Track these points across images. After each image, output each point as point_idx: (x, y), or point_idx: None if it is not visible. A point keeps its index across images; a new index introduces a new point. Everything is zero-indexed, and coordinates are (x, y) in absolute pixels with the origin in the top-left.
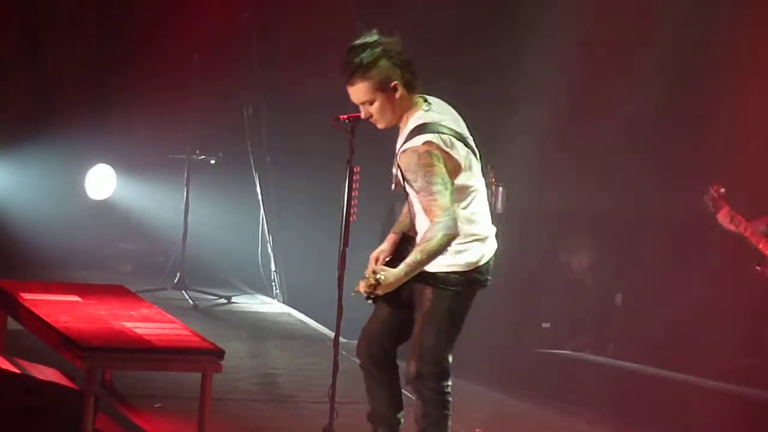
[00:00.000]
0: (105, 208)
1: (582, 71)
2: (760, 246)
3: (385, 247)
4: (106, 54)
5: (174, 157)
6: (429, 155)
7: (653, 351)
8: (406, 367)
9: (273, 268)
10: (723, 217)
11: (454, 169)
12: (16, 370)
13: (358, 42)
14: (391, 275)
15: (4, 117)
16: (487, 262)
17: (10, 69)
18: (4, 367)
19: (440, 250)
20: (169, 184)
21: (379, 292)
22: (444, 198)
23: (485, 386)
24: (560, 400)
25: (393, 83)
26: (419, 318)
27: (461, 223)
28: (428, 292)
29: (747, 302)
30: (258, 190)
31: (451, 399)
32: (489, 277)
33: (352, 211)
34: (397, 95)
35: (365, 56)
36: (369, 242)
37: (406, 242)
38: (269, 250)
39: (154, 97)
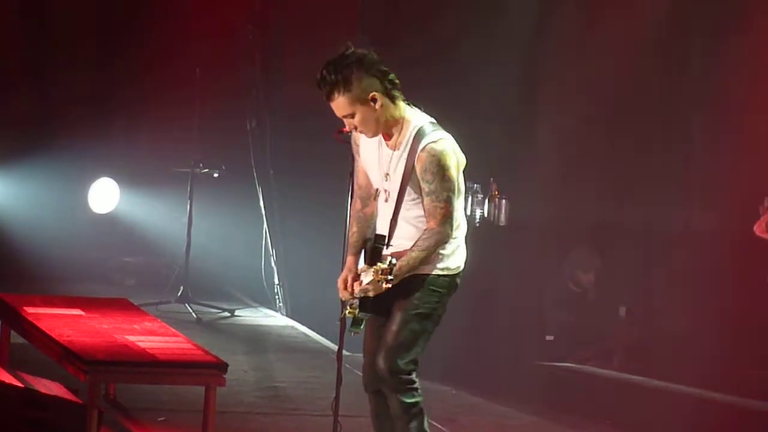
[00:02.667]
0: (108, 221)
1: (586, 83)
2: None
3: (348, 269)
4: (109, 68)
5: (177, 171)
6: (448, 155)
7: (657, 363)
8: (378, 360)
9: (276, 281)
10: (758, 226)
11: (459, 166)
12: (20, 384)
13: (332, 58)
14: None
15: (9, 131)
16: (464, 268)
17: (15, 83)
18: (7, 381)
19: (432, 254)
20: (172, 197)
21: (371, 293)
22: (452, 206)
23: (488, 399)
24: (564, 413)
25: (371, 95)
26: (401, 314)
27: (455, 225)
28: (416, 292)
29: (753, 314)
30: (261, 203)
31: (420, 386)
32: (459, 283)
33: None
34: (378, 105)
35: (340, 72)
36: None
37: (380, 242)
38: (272, 263)
39: (158, 110)
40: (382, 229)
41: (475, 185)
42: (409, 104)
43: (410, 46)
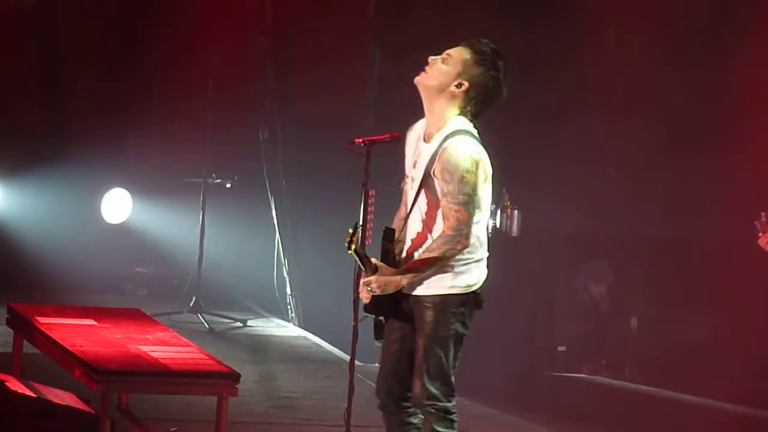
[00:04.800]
0: (121, 231)
1: (598, 92)
2: None
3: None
4: (122, 79)
5: (190, 181)
6: (472, 160)
7: (669, 374)
8: (413, 389)
9: (288, 291)
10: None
11: (484, 178)
12: (33, 394)
13: (495, 49)
14: (387, 271)
15: (23, 142)
16: (482, 285)
17: (28, 94)
18: (20, 391)
19: (443, 261)
20: (184, 207)
21: (376, 289)
22: (467, 211)
23: (501, 409)
24: (576, 424)
25: (465, 84)
26: (422, 341)
27: (472, 240)
28: (430, 314)
29: (765, 325)
30: (273, 213)
31: (457, 418)
32: (484, 300)
33: (367, 234)
34: (456, 91)
35: (490, 53)
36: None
37: (390, 237)
38: (285, 274)
39: (170, 121)
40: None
41: None
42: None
43: (421, 59)
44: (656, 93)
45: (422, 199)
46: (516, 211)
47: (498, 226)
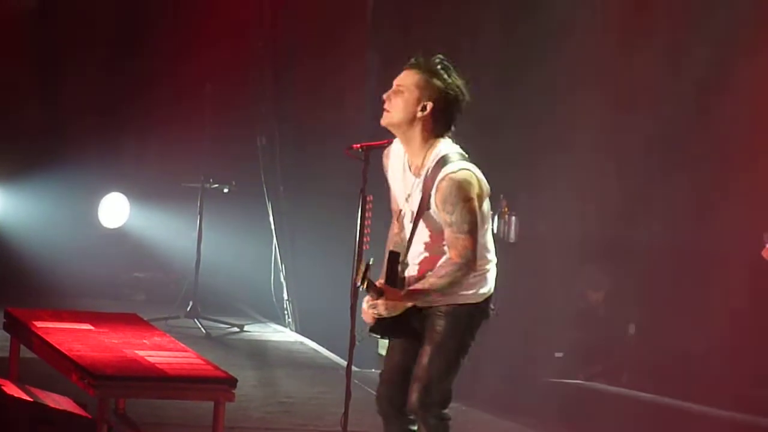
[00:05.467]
0: (118, 236)
1: (595, 102)
2: None
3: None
4: (119, 83)
5: (187, 186)
6: (470, 185)
7: (667, 381)
8: (410, 393)
9: (285, 296)
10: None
11: (483, 196)
12: (30, 399)
13: (447, 60)
14: (393, 294)
15: (19, 146)
16: (493, 291)
17: (24, 98)
18: (17, 396)
19: (451, 288)
20: (182, 212)
21: (383, 311)
22: (472, 238)
23: (497, 416)
24: (573, 430)
25: (429, 104)
26: (429, 347)
27: (480, 252)
28: (441, 323)
29: (762, 331)
30: (271, 218)
31: (451, 424)
32: (493, 306)
33: (364, 240)
34: (423, 115)
35: (441, 65)
36: (382, 272)
37: (394, 260)
38: (282, 279)
39: (168, 125)
40: (397, 233)
41: None
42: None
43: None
44: (656, 99)
45: (422, 228)
46: (513, 217)
47: (495, 232)
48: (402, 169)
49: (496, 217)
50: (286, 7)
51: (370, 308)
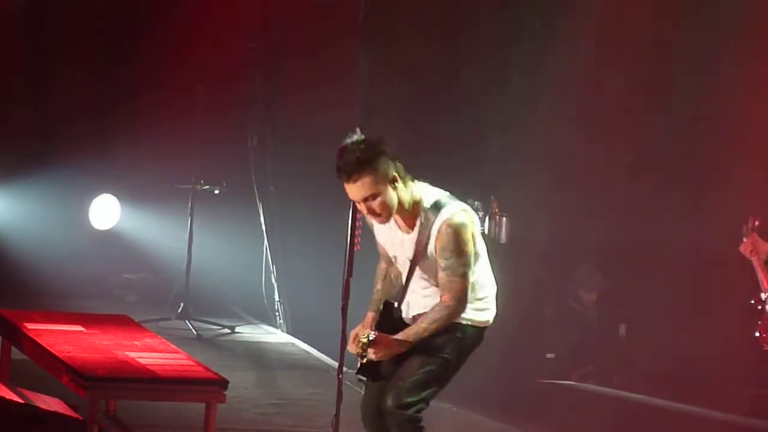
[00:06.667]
0: (109, 237)
1: (587, 99)
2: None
3: (363, 325)
4: (110, 85)
5: (178, 187)
6: (466, 229)
7: (657, 382)
8: (390, 392)
9: (277, 298)
10: (744, 247)
11: (476, 233)
12: (21, 400)
13: (349, 141)
14: (386, 339)
15: (10, 148)
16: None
17: (15, 100)
18: (8, 397)
19: (442, 328)
20: (173, 214)
21: (374, 356)
22: (466, 281)
23: (489, 416)
24: (564, 431)
25: (393, 175)
26: (424, 355)
27: (475, 286)
28: (443, 336)
29: (752, 333)
30: (262, 220)
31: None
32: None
33: (356, 241)
34: (396, 185)
35: (363, 150)
36: (373, 272)
37: (389, 309)
38: (273, 280)
39: (159, 127)
40: (396, 294)
41: (476, 202)
42: (413, 181)
43: (412, 66)
44: (647, 101)
45: (418, 272)
46: (504, 218)
47: (486, 233)
48: (387, 227)
49: (487, 218)
50: (277, 10)
51: (361, 353)
